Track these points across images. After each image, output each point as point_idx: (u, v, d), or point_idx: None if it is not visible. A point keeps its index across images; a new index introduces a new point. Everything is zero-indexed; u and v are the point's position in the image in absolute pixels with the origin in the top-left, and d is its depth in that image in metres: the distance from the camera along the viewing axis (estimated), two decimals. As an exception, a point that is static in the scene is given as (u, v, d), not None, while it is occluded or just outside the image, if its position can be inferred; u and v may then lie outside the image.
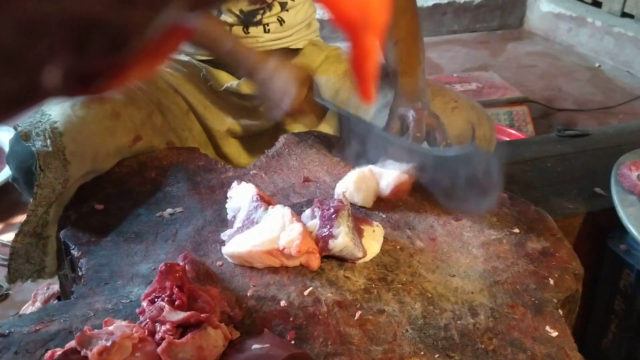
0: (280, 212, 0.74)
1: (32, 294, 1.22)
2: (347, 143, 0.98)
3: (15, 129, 0.90)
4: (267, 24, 1.12)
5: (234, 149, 1.17)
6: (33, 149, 0.85)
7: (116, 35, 0.14)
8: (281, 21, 1.13)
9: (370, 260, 0.76)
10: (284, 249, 0.72)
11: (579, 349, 0.66)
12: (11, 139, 0.90)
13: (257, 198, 0.78)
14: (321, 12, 1.47)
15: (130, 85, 1.02)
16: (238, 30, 1.11)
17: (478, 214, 0.84)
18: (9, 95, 0.14)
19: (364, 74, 0.23)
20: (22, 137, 0.87)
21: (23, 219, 0.87)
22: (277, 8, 1.12)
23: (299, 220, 0.74)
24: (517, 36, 3.53)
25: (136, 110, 0.99)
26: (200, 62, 1.15)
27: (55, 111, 0.91)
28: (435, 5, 3.45)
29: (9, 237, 1.50)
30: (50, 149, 0.85)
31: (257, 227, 0.75)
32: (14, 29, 0.13)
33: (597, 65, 3.06)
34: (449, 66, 3.02)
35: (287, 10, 1.13)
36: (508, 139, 1.84)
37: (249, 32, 1.12)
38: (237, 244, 0.75)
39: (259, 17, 1.11)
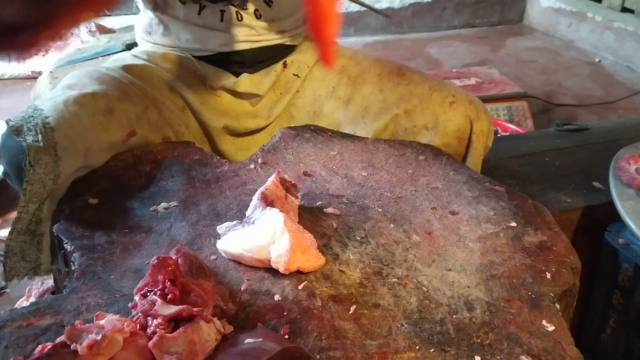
0: (273, 218, 0.73)
1: (27, 289, 1.22)
2: None
3: (7, 123, 0.89)
4: (257, 9, 1.11)
5: (230, 147, 1.16)
6: (24, 144, 0.85)
7: None
8: (269, 2, 1.12)
9: (366, 254, 0.76)
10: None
11: (577, 344, 0.65)
12: (3, 134, 0.89)
13: (260, 196, 0.77)
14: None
15: (125, 83, 1.02)
16: (231, 16, 1.10)
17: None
18: None
19: (323, 37, 0.22)
20: (14, 132, 0.86)
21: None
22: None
23: (292, 228, 0.72)
24: (517, 31, 3.53)
25: (131, 105, 0.98)
26: (196, 58, 1.14)
27: (48, 106, 0.91)
28: (435, 1, 3.44)
29: (5, 232, 1.50)
30: (42, 144, 0.84)
31: (251, 229, 0.74)
32: None
33: (597, 60, 3.05)
34: (449, 61, 3.02)
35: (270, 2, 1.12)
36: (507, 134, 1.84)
37: (242, 20, 1.11)
38: (230, 242, 0.74)
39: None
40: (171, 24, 1.13)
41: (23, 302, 1.22)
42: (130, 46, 1.58)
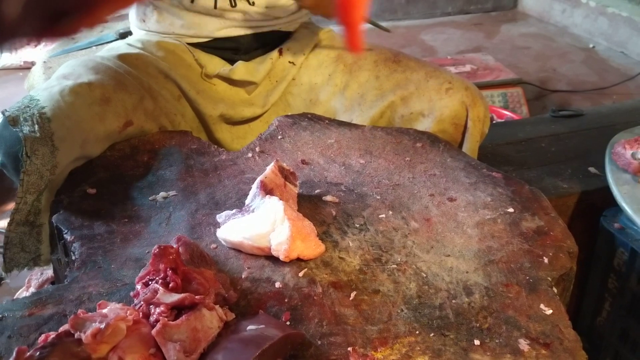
0: (273, 207, 0.73)
1: (26, 280, 1.22)
2: None
3: (3, 114, 0.89)
4: None
5: (226, 135, 1.16)
6: (20, 134, 0.84)
7: None
8: None
9: (365, 241, 0.76)
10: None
11: (572, 328, 0.66)
12: None
13: (259, 185, 0.77)
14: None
15: (120, 73, 1.01)
16: (225, 2, 1.10)
17: None
18: None
19: (351, 22, 0.22)
20: (10, 123, 0.86)
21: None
22: None
23: (292, 216, 0.72)
24: (511, 17, 3.52)
25: (127, 95, 0.98)
26: (191, 45, 1.14)
27: (44, 96, 0.90)
28: (429, -13, 3.43)
29: (2, 223, 1.49)
30: (38, 134, 0.84)
31: (251, 217, 0.74)
32: None
33: (591, 46, 3.05)
34: (443, 48, 3.01)
35: None
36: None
37: (236, 5, 1.10)
38: (230, 231, 0.74)
39: None
40: (165, 11, 1.12)
41: (22, 293, 1.22)
42: (124, 35, 1.57)
